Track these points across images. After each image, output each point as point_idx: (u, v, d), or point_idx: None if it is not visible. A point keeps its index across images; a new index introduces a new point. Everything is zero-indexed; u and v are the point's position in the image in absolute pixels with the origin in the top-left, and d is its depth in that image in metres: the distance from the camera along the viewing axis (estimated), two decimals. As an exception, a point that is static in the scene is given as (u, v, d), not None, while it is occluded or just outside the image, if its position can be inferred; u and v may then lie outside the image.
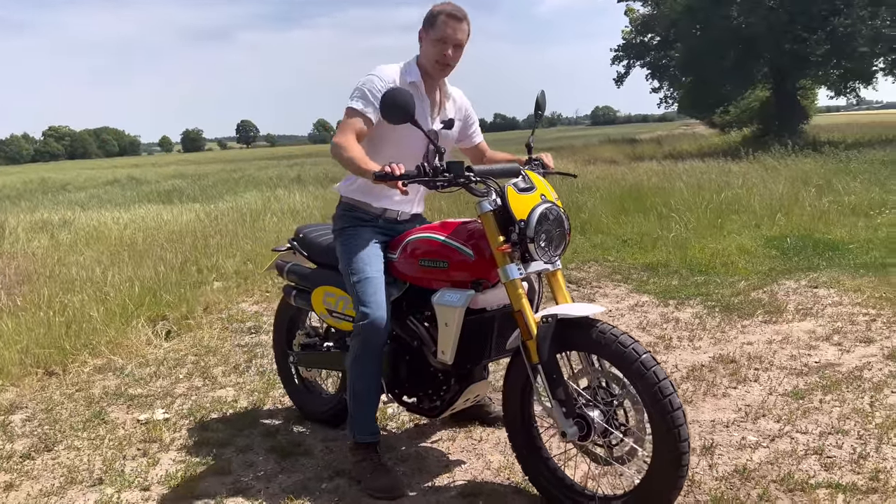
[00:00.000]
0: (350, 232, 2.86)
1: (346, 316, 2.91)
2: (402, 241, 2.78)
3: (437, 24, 2.71)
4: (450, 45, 2.71)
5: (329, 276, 3.01)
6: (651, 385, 2.17)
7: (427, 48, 2.76)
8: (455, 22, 2.70)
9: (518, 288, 2.41)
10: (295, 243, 3.29)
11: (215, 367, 4.32)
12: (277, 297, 5.92)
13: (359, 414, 2.79)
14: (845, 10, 19.74)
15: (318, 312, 3.07)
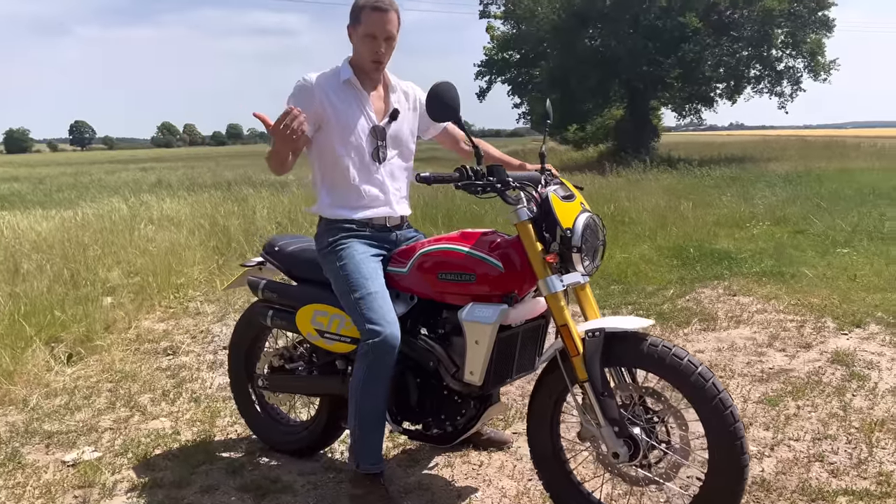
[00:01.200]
0: (342, 245, 2.59)
1: (343, 336, 2.63)
2: (412, 254, 2.54)
3: (363, 19, 2.49)
4: (381, 40, 2.51)
5: (316, 293, 2.71)
6: (711, 398, 2.10)
7: (358, 45, 2.55)
8: (381, 14, 2.48)
9: (561, 300, 2.26)
10: (269, 257, 2.95)
11: (139, 394, 3.82)
12: (185, 314, 5.46)
13: (365, 441, 2.51)
14: (693, 37, 21.40)
15: (305, 333, 2.74)
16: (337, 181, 2.60)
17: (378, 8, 2.47)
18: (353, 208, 2.61)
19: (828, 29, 22.91)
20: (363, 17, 2.49)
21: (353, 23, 2.53)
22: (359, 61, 2.58)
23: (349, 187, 2.59)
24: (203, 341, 4.76)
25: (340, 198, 2.60)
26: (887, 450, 2.83)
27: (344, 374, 2.75)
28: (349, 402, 2.53)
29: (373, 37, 2.49)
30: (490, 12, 40.10)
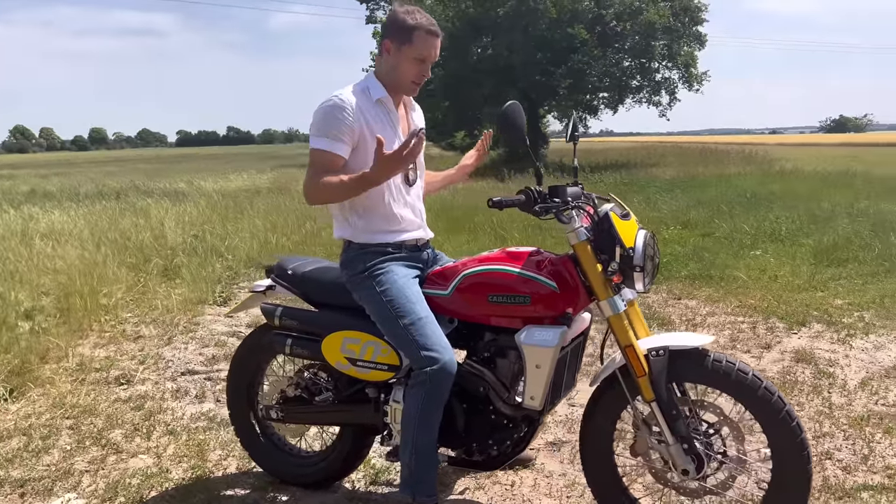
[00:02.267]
0: (381, 269, 2.47)
1: (380, 364, 2.49)
2: (453, 276, 2.45)
3: (416, 41, 2.38)
4: (428, 64, 2.45)
5: (345, 319, 2.56)
6: (778, 411, 2.16)
7: (401, 64, 2.42)
8: (435, 39, 2.42)
9: (624, 320, 2.27)
10: (281, 281, 2.77)
11: (107, 430, 3.49)
12: (123, 338, 5.05)
13: (422, 473, 2.41)
14: (581, 48, 22.29)
15: (333, 362, 2.57)
16: (371, 205, 2.47)
17: (433, 32, 2.40)
18: (389, 232, 2.50)
19: (700, 43, 24.54)
20: (416, 38, 2.38)
21: (398, 40, 2.40)
22: (396, 80, 2.45)
23: (384, 211, 2.48)
24: (156, 368, 4.43)
25: (375, 222, 2.48)
26: (883, 444, 3.04)
27: (377, 402, 2.62)
28: (403, 434, 2.41)
29: (422, 60, 2.41)
30: (377, 17, 40.18)
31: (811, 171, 18.16)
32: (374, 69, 2.51)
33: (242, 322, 5.42)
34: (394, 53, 2.42)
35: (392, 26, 2.42)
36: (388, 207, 2.49)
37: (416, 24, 2.37)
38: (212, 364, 4.48)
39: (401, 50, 2.40)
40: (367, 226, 2.50)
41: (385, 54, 2.44)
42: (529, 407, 2.34)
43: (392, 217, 2.50)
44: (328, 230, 8.86)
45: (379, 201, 2.47)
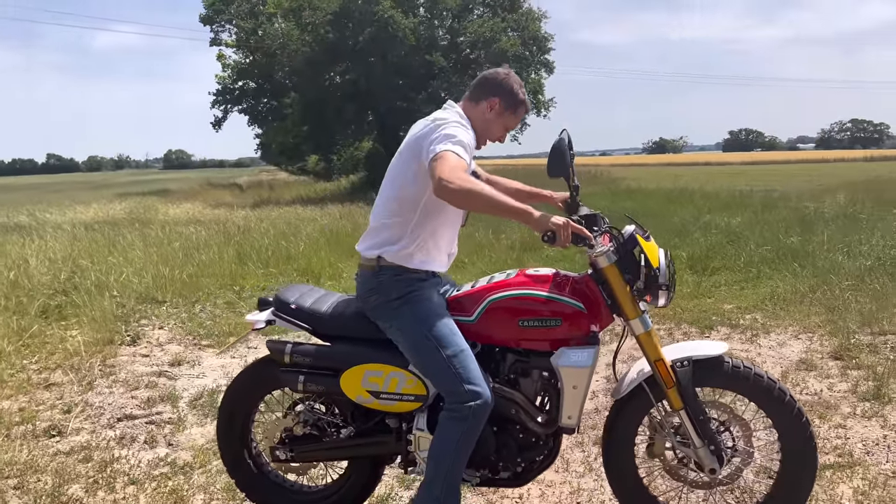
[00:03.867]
0: (417, 297, 2.48)
1: (406, 395, 2.50)
2: (477, 301, 2.50)
3: (518, 113, 2.62)
4: (508, 133, 2.69)
5: (364, 352, 2.55)
6: (791, 410, 2.43)
7: (495, 122, 2.58)
8: (524, 114, 2.70)
9: (654, 336, 2.45)
10: (284, 315, 2.68)
11: (62, 487, 3.19)
12: (31, 386, 4.58)
13: (451, 502, 2.45)
14: (440, 74, 22.95)
15: (354, 396, 2.54)
16: (431, 234, 2.51)
17: (528, 110, 2.71)
18: (433, 260, 2.55)
19: (548, 70, 26.09)
20: (519, 111, 2.61)
21: (506, 105, 2.56)
22: (485, 132, 2.59)
23: (437, 246, 2.54)
24: (87, 416, 4.09)
25: (427, 252, 2.51)
26: (823, 428, 3.48)
27: (398, 431, 2.62)
28: (435, 467, 2.41)
29: (509, 128, 2.64)
30: (222, 40, 38.96)
31: (654, 189, 19.79)
32: (464, 108, 2.57)
33: (164, 361, 5.12)
34: (496, 112, 2.56)
35: (506, 92, 2.55)
36: (441, 242, 2.56)
37: (524, 100, 2.60)
38: (150, 407, 4.21)
39: (503, 114, 2.58)
40: (418, 248, 2.49)
41: (487, 109, 2.55)
42: (566, 426, 2.45)
43: (443, 252, 2.59)
44: (222, 262, 8.54)
45: (440, 235, 2.54)
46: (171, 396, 4.34)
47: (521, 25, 24.62)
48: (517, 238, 9.91)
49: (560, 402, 2.43)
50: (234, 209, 18.22)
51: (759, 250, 8.23)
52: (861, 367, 4.33)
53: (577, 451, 3.38)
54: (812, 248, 8.27)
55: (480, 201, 2.28)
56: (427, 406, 2.53)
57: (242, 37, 36.71)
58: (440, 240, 2.54)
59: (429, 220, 2.49)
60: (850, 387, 4.05)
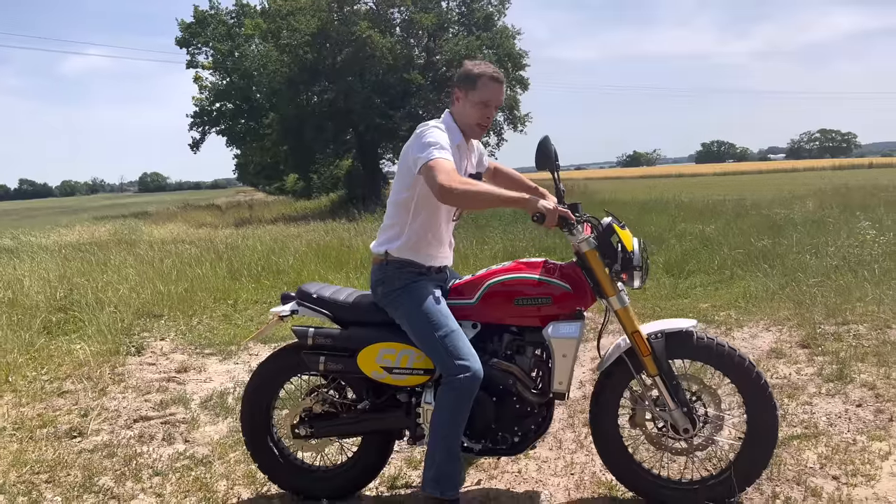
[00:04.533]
0: (415, 287, 2.81)
1: (416, 370, 2.83)
2: (477, 286, 2.84)
3: (479, 87, 2.76)
4: (492, 108, 2.83)
5: (377, 333, 2.88)
6: (752, 376, 2.75)
7: (467, 110, 2.80)
8: (497, 85, 2.80)
9: (630, 312, 2.78)
10: (308, 304, 2.99)
11: (92, 478, 3.41)
12: (44, 394, 4.78)
13: (449, 470, 2.73)
14: (418, 92, 23.35)
15: (369, 372, 2.86)
16: (426, 230, 2.83)
17: (495, 79, 2.77)
18: (431, 256, 2.88)
19: (523, 87, 26.60)
20: (479, 84, 2.75)
21: (464, 87, 2.77)
22: (465, 125, 2.82)
23: (434, 239, 2.86)
24: (104, 419, 4.30)
25: (428, 245, 2.85)
26: (791, 405, 3.81)
27: (408, 406, 2.92)
28: (433, 435, 2.72)
29: (485, 104, 2.78)
30: (198, 62, 39.14)
31: (629, 200, 20.27)
32: (451, 115, 2.86)
33: (171, 368, 5.34)
34: (462, 100, 2.80)
35: (461, 77, 2.81)
36: (437, 235, 2.86)
37: (481, 72, 2.76)
38: (163, 408, 4.44)
39: (468, 95, 2.77)
40: (417, 243, 2.83)
41: (456, 102, 2.82)
42: (558, 391, 2.76)
43: (438, 244, 2.89)
44: (215, 277, 8.76)
45: (434, 229, 2.85)
46: (183, 399, 4.57)
47: (495, 43, 25.13)
48: (500, 248, 10.22)
49: (552, 370, 2.75)
50: (217, 229, 18.40)
51: (732, 254, 8.63)
52: (826, 354, 4.69)
53: (569, 432, 3.67)
54: (782, 250, 8.69)
55: (480, 199, 2.63)
56: (434, 381, 2.84)
57: (219, 59, 37.08)
58: (436, 233, 2.87)
59: (420, 218, 2.82)
60: (816, 370, 4.40)
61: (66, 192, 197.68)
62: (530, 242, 10.40)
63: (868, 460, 3.12)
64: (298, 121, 23.53)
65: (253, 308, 7.63)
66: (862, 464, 3.10)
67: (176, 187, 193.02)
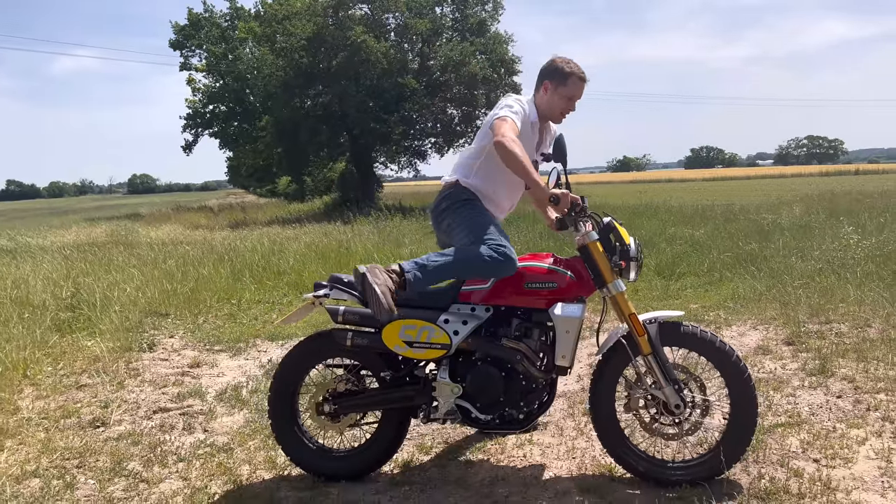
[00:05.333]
0: (478, 204, 3.27)
1: (434, 344, 3.10)
2: None
3: (570, 84, 3.26)
4: (574, 102, 3.33)
5: (401, 311, 3.11)
6: (734, 364, 3.01)
7: (554, 100, 3.29)
8: (583, 83, 3.31)
9: (626, 296, 3.05)
10: (342, 287, 3.27)
11: (121, 464, 3.62)
12: (63, 388, 4.97)
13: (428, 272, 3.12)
14: (412, 97, 23.62)
15: (392, 346, 3.13)
16: (488, 181, 3.29)
17: (583, 79, 3.29)
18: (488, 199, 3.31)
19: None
20: (570, 82, 3.25)
21: (555, 81, 3.26)
22: (548, 111, 3.30)
23: (497, 193, 3.32)
24: (124, 410, 4.51)
25: (487, 193, 3.30)
26: (776, 397, 4.07)
27: (425, 381, 3.19)
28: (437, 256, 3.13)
29: (572, 99, 3.29)
30: (192, 65, 39.29)
31: (619, 205, 20.57)
32: (534, 100, 3.31)
33: (184, 364, 5.55)
34: (551, 92, 3.26)
35: (552, 71, 3.27)
36: (499, 193, 3.34)
37: (571, 71, 3.24)
38: (181, 400, 4.64)
39: (557, 90, 3.26)
40: (478, 183, 3.30)
41: (543, 92, 3.28)
42: (561, 365, 3.03)
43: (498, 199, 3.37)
44: (219, 278, 8.96)
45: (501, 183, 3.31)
46: (198, 392, 4.78)
47: (489, 49, 25.39)
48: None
49: (555, 346, 3.03)
50: (213, 231, 18.56)
51: (721, 257, 8.91)
52: (809, 350, 4.96)
53: (570, 420, 3.92)
54: (769, 253, 8.98)
55: (514, 162, 3.02)
56: (448, 357, 3.13)
57: (213, 61, 37.26)
58: (497, 188, 3.30)
59: (484, 168, 3.28)
60: (800, 365, 4.66)
61: (55, 193, 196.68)
62: (525, 246, 10.65)
63: (846, 445, 3.38)
64: (293, 124, 23.74)
65: (256, 308, 7.84)
66: (840, 448, 3.35)
67: (165, 189, 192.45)
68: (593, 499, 3.00)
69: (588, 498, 3.01)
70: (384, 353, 3.24)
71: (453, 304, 3.18)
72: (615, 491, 3.08)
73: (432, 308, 3.17)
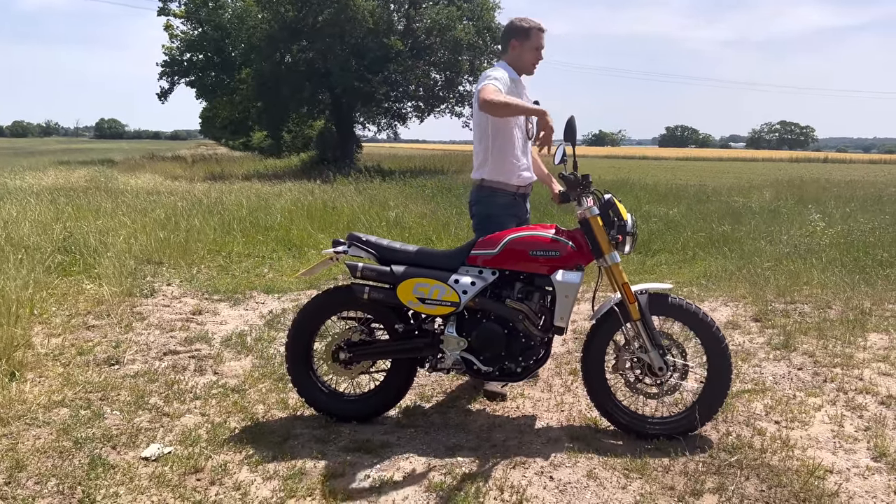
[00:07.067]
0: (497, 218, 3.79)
1: (444, 301, 3.40)
2: (500, 240, 3.43)
3: (533, 36, 3.76)
4: (541, 51, 3.82)
5: (415, 270, 3.45)
6: (713, 333, 3.37)
7: (523, 54, 3.79)
8: (542, 33, 3.81)
9: (620, 267, 3.37)
10: (361, 245, 3.55)
11: (142, 399, 3.89)
12: (73, 328, 5.18)
13: None
14: (397, 58, 23.58)
15: (406, 301, 3.43)
16: (505, 152, 3.73)
17: (542, 29, 3.80)
18: (516, 174, 3.79)
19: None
20: (532, 34, 3.75)
21: (520, 38, 3.76)
22: (521, 66, 3.74)
23: (513, 157, 3.75)
24: (135, 351, 4.75)
25: (508, 165, 3.78)
26: (743, 367, 4.47)
27: (433, 335, 3.50)
28: None
29: (538, 49, 3.79)
30: (170, 10, 38.38)
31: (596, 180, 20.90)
32: (503, 59, 3.75)
33: (186, 311, 5.78)
34: (519, 48, 3.76)
35: (515, 30, 3.76)
36: (518, 153, 3.76)
37: (531, 25, 3.71)
38: (189, 344, 4.90)
39: (523, 45, 3.76)
40: (502, 164, 3.75)
41: (512, 50, 3.79)
42: (559, 326, 3.36)
43: (520, 160, 3.78)
44: (209, 229, 9.13)
45: (514, 146, 3.75)
46: (205, 337, 5.04)
47: (475, 15, 25.37)
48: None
49: (554, 309, 3.35)
50: (192, 182, 18.51)
51: (695, 236, 9.33)
52: (775, 327, 5.38)
53: (557, 379, 4.28)
54: (740, 235, 9.43)
55: (506, 108, 3.44)
56: (456, 314, 3.43)
57: (192, 8, 36.43)
58: (514, 152, 3.77)
59: (498, 142, 3.72)
60: (766, 340, 5.08)
61: (18, 132, 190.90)
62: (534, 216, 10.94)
63: (804, 411, 3.79)
64: (275, 78, 23.57)
65: (247, 261, 8.06)
66: (799, 413, 3.75)
67: (134, 136, 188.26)
68: (581, 445, 3.36)
69: (577, 444, 3.37)
70: (396, 307, 3.54)
71: (462, 266, 3.48)
72: (600, 440, 3.44)
73: (444, 269, 3.47)
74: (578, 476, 3.07)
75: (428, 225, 10.08)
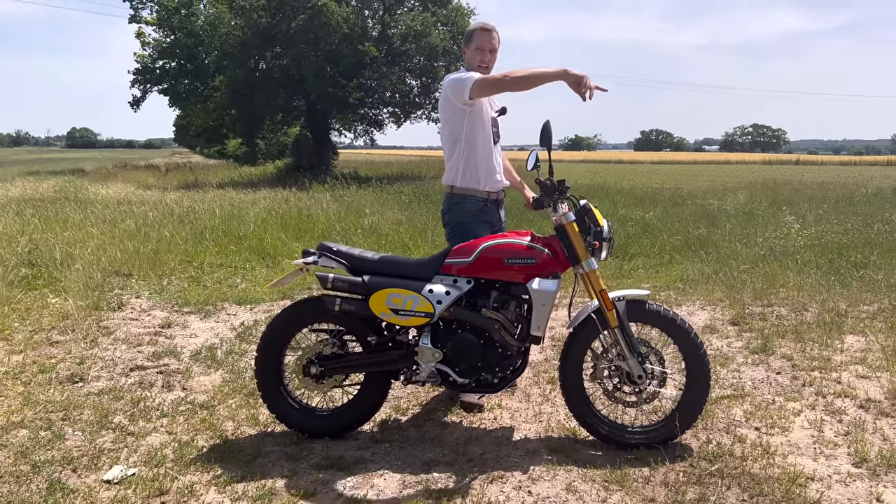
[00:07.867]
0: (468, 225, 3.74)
1: (418, 312, 3.30)
2: (475, 248, 3.34)
3: (475, 38, 3.74)
4: (486, 52, 3.72)
5: (388, 280, 3.35)
6: (691, 339, 3.32)
7: (471, 56, 3.75)
8: (486, 33, 3.75)
9: (598, 273, 3.31)
10: (332, 255, 3.45)
11: (106, 417, 3.74)
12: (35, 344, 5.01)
13: None
14: (371, 65, 23.47)
15: (379, 313, 3.33)
16: (475, 157, 3.69)
17: (484, 29, 3.76)
18: (487, 179, 3.75)
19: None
20: (475, 37, 3.74)
21: (466, 43, 3.80)
22: (472, 69, 3.70)
23: (484, 162, 3.71)
24: (101, 367, 4.59)
25: (479, 170, 3.72)
26: (722, 372, 4.41)
27: (408, 346, 3.41)
28: None
29: (480, 49, 3.72)
30: (141, 17, 37.93)
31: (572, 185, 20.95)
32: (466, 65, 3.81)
33: (155, 324, 5.63)
34: (467, 53, 3.79)
35: (464, 37, 3.78)
36: (489, 158, 3.72)
37: (473, 28, 3.73)
38: (157, 359, 4.75)
39: (468, 48, 3.77)
40: (473, 170, 3.70)
41: (465, 56, 3.83)
42: (535, 335, 3.28)
43: (490, 165, 3.74)
44: (180, 240, 8.95)
45: (483, 150, 3.71)
46: (173, 351, 4.90)
47: (450, 21, 25.36)
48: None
49: (531, 317, 3.27)
50: (165, 191, 18.23)
51: (671, 240, 9.34)
52: (752, 331, 5.35)
53: (535, 388, 4.20)
54: (716, 238, 9.45)
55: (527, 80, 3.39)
56: (431, 325, 3.34)
57: (164, 15, 36.05)
58: (485, 156, 3.72)
59: (467, 148, 3.69)
60: (744, 344, 5.05)
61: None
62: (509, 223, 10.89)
63: (784, 416, 3.74)
64: (248, 85, 23.34)
65: (220, 271, 7.90)
66: (779, 419, 3.71)
67: (107, 145, 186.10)
68: (560, 458, 3.28)
69: (555, 456, 3.29)
70: (369, 319, 3.43)
71: (437, 276, 3.39)
72: (579, 452, 3.36)
73: (418, 278, 3.38)
74: (557, 490, 2.99)
75: (405, 232, 9.98)
